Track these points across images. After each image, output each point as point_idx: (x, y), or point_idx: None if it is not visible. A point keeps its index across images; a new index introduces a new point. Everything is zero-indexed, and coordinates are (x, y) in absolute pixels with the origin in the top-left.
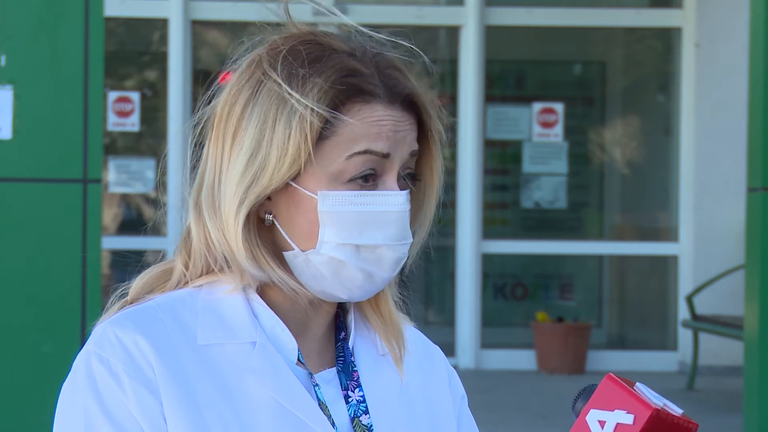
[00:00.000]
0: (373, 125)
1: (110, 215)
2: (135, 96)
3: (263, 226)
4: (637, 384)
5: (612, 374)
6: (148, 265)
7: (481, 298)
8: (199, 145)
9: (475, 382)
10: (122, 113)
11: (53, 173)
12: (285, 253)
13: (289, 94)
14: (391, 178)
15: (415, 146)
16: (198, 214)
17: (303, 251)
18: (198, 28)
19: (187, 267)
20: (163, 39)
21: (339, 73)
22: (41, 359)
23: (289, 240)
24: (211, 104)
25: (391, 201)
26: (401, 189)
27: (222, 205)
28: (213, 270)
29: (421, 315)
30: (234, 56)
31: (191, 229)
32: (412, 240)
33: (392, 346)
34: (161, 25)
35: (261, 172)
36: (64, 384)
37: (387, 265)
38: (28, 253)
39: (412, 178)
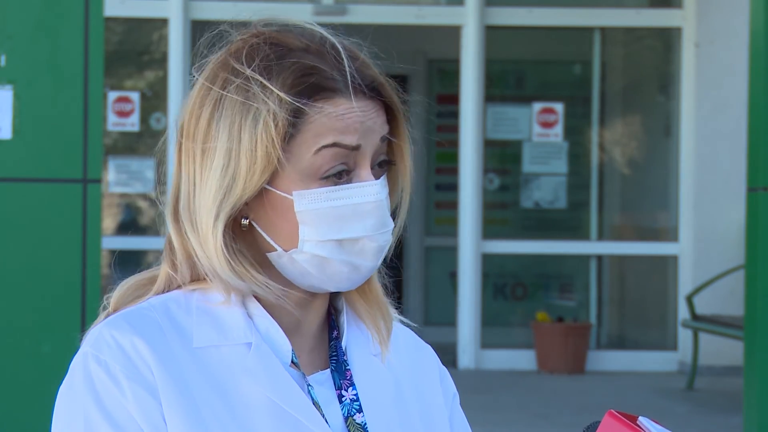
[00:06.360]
0: (339, 119)
1: (110, 215)
2: (135, 96)
3: (241, 230)
4: (640, 418)
5: (613, 411)
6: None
7: (481, 298)
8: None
9: (475, 382)
10: (122, 113)
11: (53, 173)
12: (268, 254)
13: (262, 85)
14: (364, 169)
15: (385, 130)
16: (178, 226)
17: (286, 251)
18: (198, 27)
19: (175, 272)
20: (163, 39)
21: (297, 72)
22: (41, 359)
23: (271, 241)
24: (179, 114)
25: (367, 192)
26: (375, 177)
27: (198, 219)
28: (200, 278)
29: (422, 315)
30: (194, 62)
31: (173, 240)
32: (393, 226)
33: (378, 327)
34: (161, 25)
35: (233, 183)
36: (61, 387)
37: (370, 255)
38: (28, 253)
39: (386, 163)
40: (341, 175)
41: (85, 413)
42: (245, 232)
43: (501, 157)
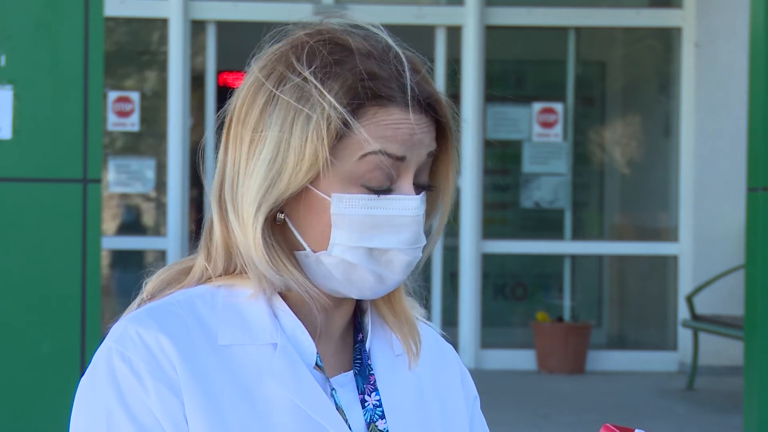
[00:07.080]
0: (388, 128)
1: (110, 215)
2: (135, 96)
3: (275, 224)
4: (636, 431)
5: (609, 424)
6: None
7: (481, 298)
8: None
9: (475, 382)
10: (122, 113)
11: (53, 173)
12: (296, 253)
13: (315, 87)
14: (406, 181)
15: (433, 146)
16: (222, 212)
17: (314, 252)
18: (197, 27)
19: (209, 263)
20: (163, 39)
21: (357, 77)
22: (41, 359)
23: (301, 240)
24: (230, 99)
25: (406, 205)
26: (416, 191)
27: (240, 207)
28: (232, 271)
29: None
30: (255, 53)
31: (213, 225)
32: (425, 242)
33: (407, 341)
34: (161, 25)
35: (278, 177)
36: (83, 380)
37: (398, 268)
38: (27, 253)
39: (428, 187)
40: (382, 184)
41: (108, 409)
42: (277, 227)
43: (501, 157)
